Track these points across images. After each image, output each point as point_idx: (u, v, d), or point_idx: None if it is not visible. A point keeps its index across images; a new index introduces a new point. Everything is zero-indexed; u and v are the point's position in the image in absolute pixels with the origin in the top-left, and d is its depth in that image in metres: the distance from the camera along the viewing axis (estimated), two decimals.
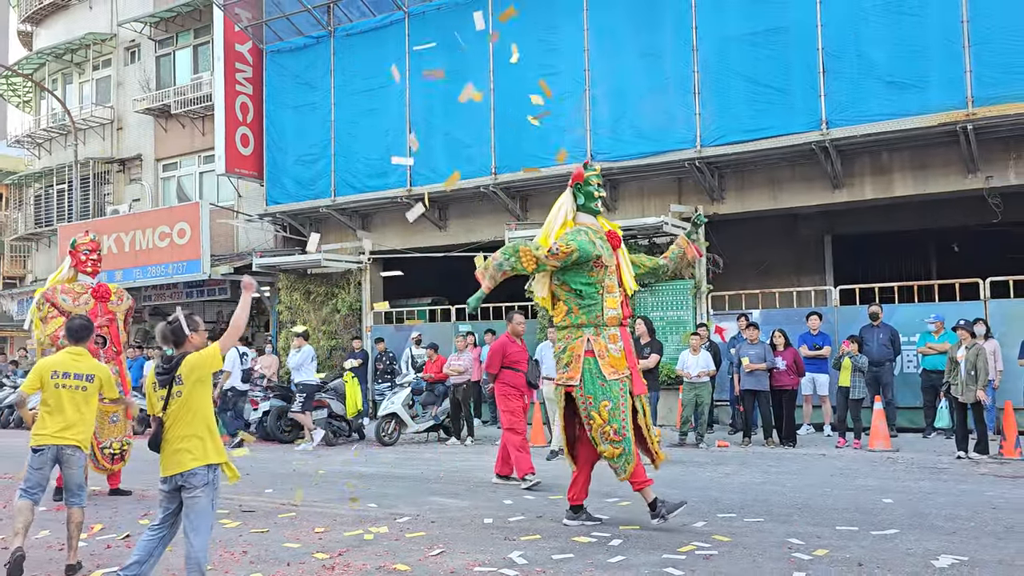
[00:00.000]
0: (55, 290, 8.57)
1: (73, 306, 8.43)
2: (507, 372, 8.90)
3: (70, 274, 8.76)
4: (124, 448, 8.70)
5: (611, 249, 6.58)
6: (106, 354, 8.51)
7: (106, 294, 8.75)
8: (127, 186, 22.53)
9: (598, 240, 6.47)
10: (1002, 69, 11.32)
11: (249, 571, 5.49)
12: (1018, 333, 11.19)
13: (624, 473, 6.36)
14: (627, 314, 6.62)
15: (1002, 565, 5.23)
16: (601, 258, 6.41)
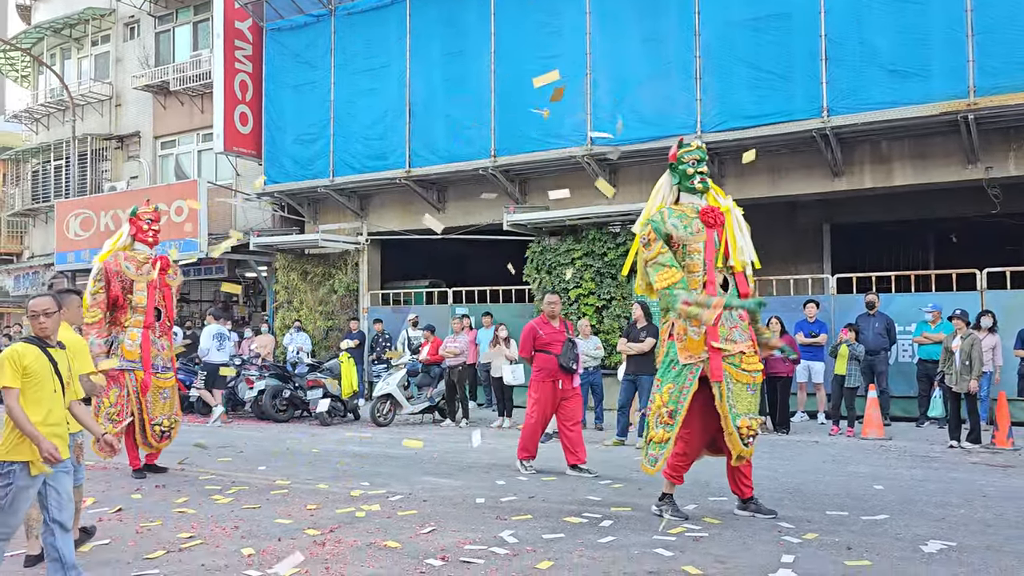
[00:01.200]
0: (117, 257, 8.43)
1: (136, 274, 8.37)
2: (540, 355, 8.38)
3: (127, 242, 8.65)
4: (172, 425, 8.56)
5: (699, 228, 6.26)
6: (160, 327, 8.51)
7: (166, 266, 8.68)
8: (125, 163, 22.45)
9: (673, 220, 6.26)
10: (1005, 59, 11.24)
11: (240, 546, 5.51)
12: (1015, 324, 11.18)
13: (654, 465, 6.17)
14: (744, 292, 6.26)
15: (990, 551, 5.25)
16: (672, 238, 6.23)
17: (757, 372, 6.14)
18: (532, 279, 14.90)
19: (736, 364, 6.04)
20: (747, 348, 6.10)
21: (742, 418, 5.99)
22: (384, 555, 5.28)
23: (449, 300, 16.33)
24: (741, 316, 6.16)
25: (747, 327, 6.18)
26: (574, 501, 6.94)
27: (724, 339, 6.05)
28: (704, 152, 6.52)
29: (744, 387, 6.06)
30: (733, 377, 6.03)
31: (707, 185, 6.44)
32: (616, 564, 5.04)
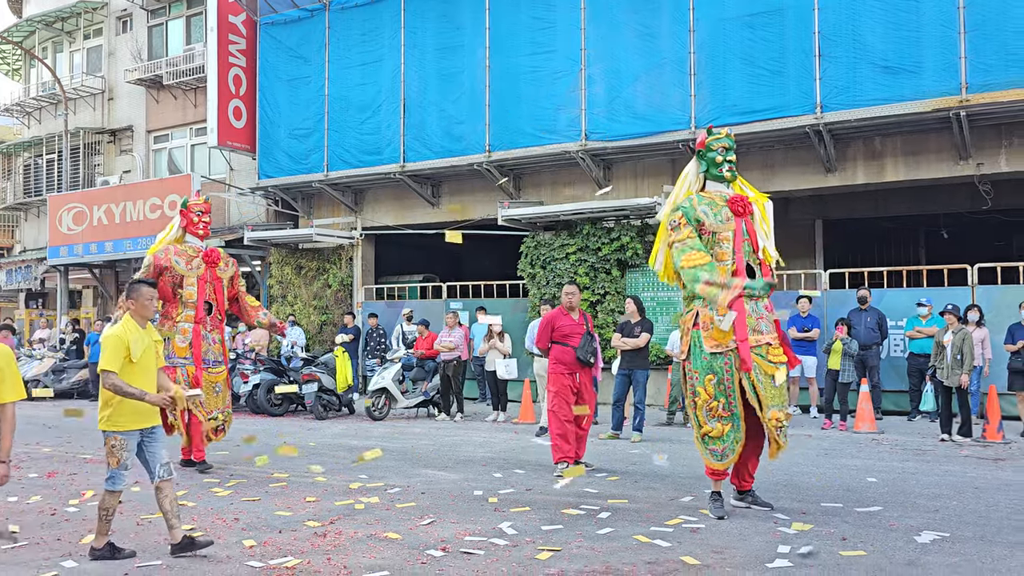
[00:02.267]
0: (168, 251, 8.38)
1: (186, 269, 8.32)
2: (556, 348, 8.09)
3: (178, 235, 8.60)
4: (226, 419, 8.51)
5: (728, 216, 6.20)
6: (212, 321, 8.44)
7: (216, 259, 8.59)
8: (118, 157, 22.37)
9: (703, 207, 6.21)
10: (996, 56, 11.34)
11: (241, 537, 5.55)
12: (1005, 319, 11.30)
13: (723, 460, 6.03)
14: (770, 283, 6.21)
15: (982, 542, 5.34)
16: (704, 224, 6.17)
17: (783, 364, 6.06)
18: (526, 274, 14.95)
19: (763, 355, 6.00)
20: (773, 340, 6.07)
21: (772, 409, 5.96)
22: (385, 546, 5.33)
23: (443, 295, 16.36)
24: (767, 307, 6.14)
25: (772, 319, 6.15)
26: (571, 493, 7.00)
27: (752, 330, 6.02)
28: (733, 140, 6.44)
29: (770, 379, 6.01)
30: (761, 368, 5.98)
31: (735, 174, 6.40)
32: (615, 555, 5.10)
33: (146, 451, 5.20)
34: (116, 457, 5.10)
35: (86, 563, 5.02)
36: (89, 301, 23.86)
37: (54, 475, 8.15)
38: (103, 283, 22.42)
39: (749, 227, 6.22)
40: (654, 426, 11.35)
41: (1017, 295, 11.55)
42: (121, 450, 5.10)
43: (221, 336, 8.60)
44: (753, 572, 4.75)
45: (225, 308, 8.70)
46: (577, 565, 4.89)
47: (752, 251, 6.19)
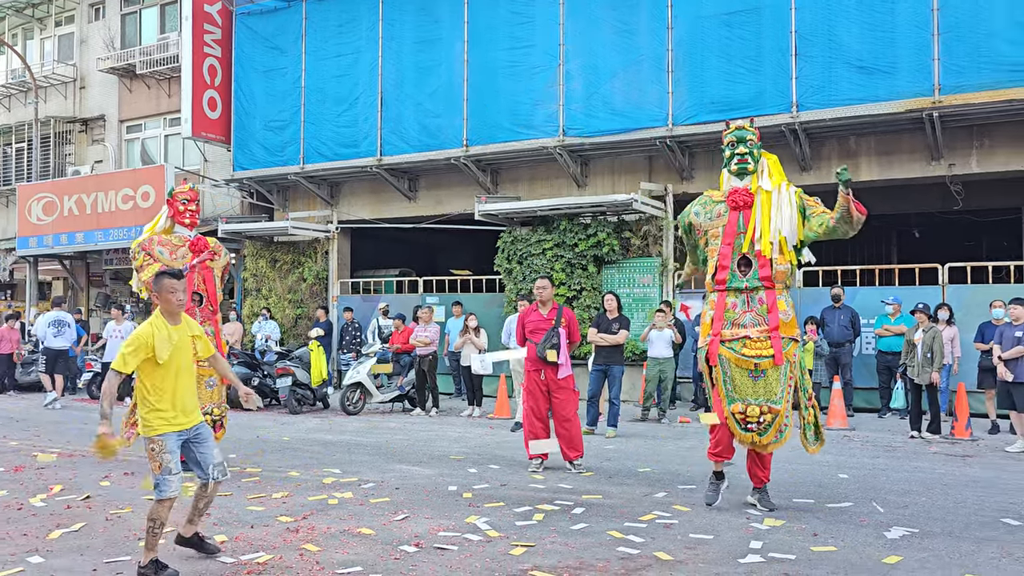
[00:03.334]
0: (152, 241, 8.15)
1: (171, 259, 8.06)
2: (530, 345, 8.03)
3: (167, 224, 8.35)
4: (223, 414, 8.11)
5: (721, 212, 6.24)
6: (202, 313, 8.17)
7: (204, 248, 8.33)
8: (89, 147, 22.04)
9: (698, 206, 6.40)
10: (969, 58, 11.48)
11: (212, 532, 5.49)
12: (974, 318, 11.46)
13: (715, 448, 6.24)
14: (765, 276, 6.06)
15: (951, 537, 5.41)
16: (695, 225, 6.40)
17: (762, 358, 5.97)
18: (503, 269, 14.94)
19: (736, 349, 6.01)
20: (757, 334, 5.99)
21: (737, 403, 6.00)
22: (358, 541, 5.30)
23: (420, 289, 16.31)
24: (761, 301, 6.05)
25: (767, 312, 6.02)
26: (546, 489, 7.01)
27: (731, 323, 6.07)
28: (746, 132, 6.29)
29: (744, 372, 6.01)
30: (731, 361, 6.03)
31: (745, 167, 6.23)
32: (589, 550, 5.11)
33: (196, 452, 4.89)
34: (157, 462, 4.67)
35: (52, 559, 4.94)
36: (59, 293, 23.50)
37: (21, 469, 8.02)
38: (73, 274, 22.11)
39: (748, 220, 6.15)
40: (628, 422, 11.40)
41: (986, 294, 11.72)
42: (161, 452, 4.66)
43: (214, 328, 8.26)
44: (725, 567, 4.78)
45: (218, 299, 8.41)
46: (551, 560, 4.89)
47: (751, 244, 6.10)
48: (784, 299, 6.11)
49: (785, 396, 5.97)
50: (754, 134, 6.31)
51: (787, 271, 6.14)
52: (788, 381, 6.00)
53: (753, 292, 6.08)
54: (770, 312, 6.02)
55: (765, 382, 5.99)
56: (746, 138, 6.27)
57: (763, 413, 5.97)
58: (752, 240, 6.09)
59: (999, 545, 5.22)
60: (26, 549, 5.15)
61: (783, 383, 5.99)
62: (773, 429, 5.97)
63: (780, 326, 6.01)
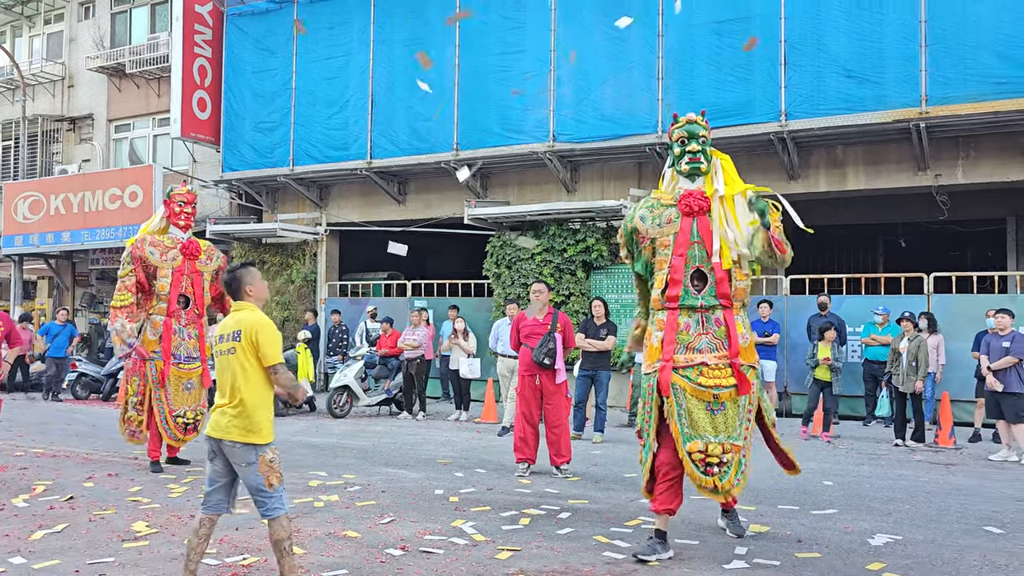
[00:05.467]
0: (143, 241, 8.11)
1: (160, 260, 8.05)
2: (522, 349, 8.04)
3: (161, 225, 8.30)
4: (198, 418, 8.10)
5: (672, 218, 5.39)
6: (187, 315, 8.16)
7: (195, 251, 8.27)
8: (77, 146, 21.92)
9: (643, 210, 5.53)
10: (955, 70, 11.58)
11: None
12: (959, 327, 11.56)
13: (646, 487, 5.37)
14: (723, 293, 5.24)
15: (933, 545, 5.45)
16: (640, 232, 5.49)
17: (721, 388, 5.12)
18: (492, 273, 14.94)
19: (691, 378, 5.15)
20: (714, 360, 5.16)
21: (696, 441, 5.08)
22: (344, 544, 5.29)
23: (408, 293, 16.29)
24: (718, 322, 5.24)
25: (725, 336, 5.21)
26: (532, 494, 7.01)
27: (684, 347, 5.22)
28: (697, 127, 5.51)
29: (701, 405, 5.13)
30: (686, 392, 5.14)
31: (697, 167, 5.45)
32: (574, 555, 5.12)
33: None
34: (279, 473, 4.24)
35: (35, 560, 4.91)
36: (44, 292, 23.33)
37: (4, 469, 7.96)
38: (59, 274, 21.95)
39: (703, 227, 5.31)
40: (615, 427, 11.41)
41: (970, 304, 11.83)
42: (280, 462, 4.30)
43: (199, 331, 8.23)
44: (711, 573, 4.79)
45: (205, 303, 8.36)
46: (536, 565, 4.89)
47: (707, 255, 5.28)
48: (742, 320, 5.35)
49: (744, 431, 5.19)
50: (706, 130, 5.55)
51: (747, 288, 5.41)
52: (748, 414, 5.24)
53: (709, 311, 5.26)
54: (729, 335, 5.21)
55: (725, 416, 5.15)
56: (698, 134, 5.49)
57: (725, 452, 5.10)
58: (709, 252, 5.28)
59: (981, 553, 5.26)
60: (8, 550, 5.11)
61: (743, 416, 5.20)
62: (734, 470, 5.14)
63: (740, 351, 5.21)
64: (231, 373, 4.22)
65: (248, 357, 4.23)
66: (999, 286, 13.45)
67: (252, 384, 4.22)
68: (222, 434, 4.17)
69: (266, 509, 4.17)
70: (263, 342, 4.23)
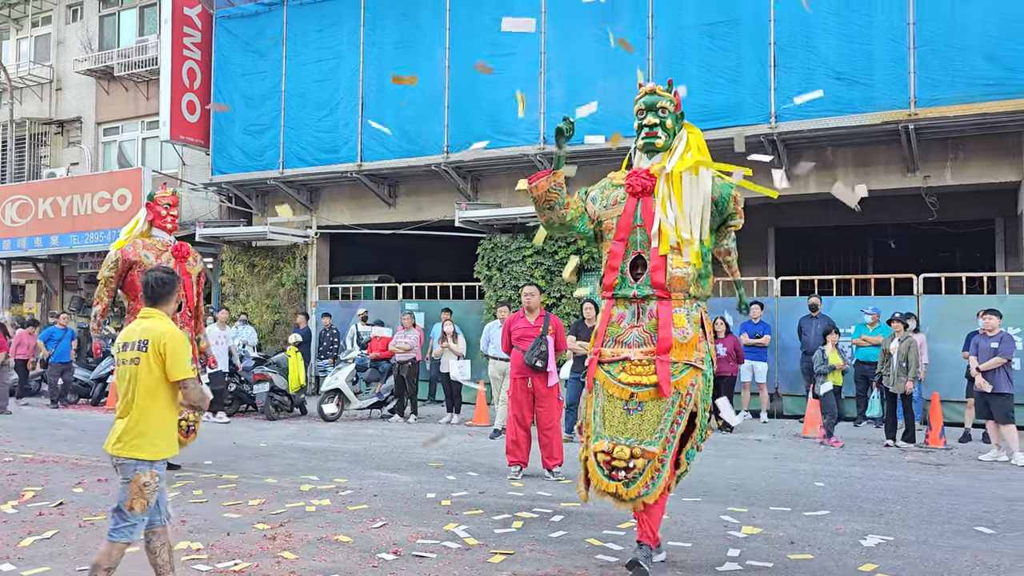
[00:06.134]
0: (136, 245, 8.05)
1: (155, 263, 7.96)
2: (514, 351, 8.03)
3: (145, 228, 8.27)
4: (196, 420, 7.98)
5: (618, 199, 4.98)
6: (181, 318, 8.08)
7: (186, 254, 8.26)
8: (65, 149, 21.80)
9: (596, 189, 5.16)
10: (943, 72, 11.65)
11: (189, 540, 5.43)
12: (948, 328, 11.61)
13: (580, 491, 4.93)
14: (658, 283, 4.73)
15: (925, 546, 5.47)
16: (588, 213, 5.08)
17: (641, 387, 4.66)
18: (483, 276, 14.93)
19: (612, 372, 4.77)
20: (640, 355, 4.71)
21: (603, 440, 4.65)
22: (336, 549, 5.26)
23: (399, 295, 16.26)
24: (651, 314, 4.77)
25: (655, 329, 4.73)
26: (525, 497, 7.00)
27: (613, 340, 4.85)
28: (659, 97, 5.04)
29: (618, 403, 4.70)
30: (604, 388, 4.78)
31: (652, 143, 4.98)
32: (567, 558, 5.11)
33: None
34: (146, 501, 3.95)
35: (24, 567, 4.86)
36: (33, 296, 23.19)
37: None
38: (47, 278, 21.82)
39: (647, 209, 4.86)
40: None
41: (959, 305, 11.88)
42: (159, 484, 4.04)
43: (192, 334, 8.23)
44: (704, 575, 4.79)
45: (196, 305, 8.35)
46: (530, 568, 4.88)
47: (649, 241, 4.83)
48: (684, 313, 4.77)
49: (665, 437, 4.61)
50: (671, 101, 5.05)
51: (687, 277, 4.76)
52: (675, 418, 4.65)
53: (643, 302, 4.81)
54: (660, 328, 4.70)
55: (642, 418, 4.65)
56: (657, 105, 4.99)
57: (634, 457, 4.59)
58: (649, 236, 4.82)
59: (973, 553, 5.28)
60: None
61: (666, 420, 4.64)
62: (643, 479, 4.57)
63: (674, 347, 4.69)
64: (132, 384, 3.98)
65: (153, 369, 3.96)
66: (988, 287, 13.49)
67: (152, 397, 3.98)
68: (113, 449, 3.99)
69: (115, 529, 3.90)
70: (172, 354, 3.97)
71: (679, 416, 4.67)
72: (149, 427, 3.98)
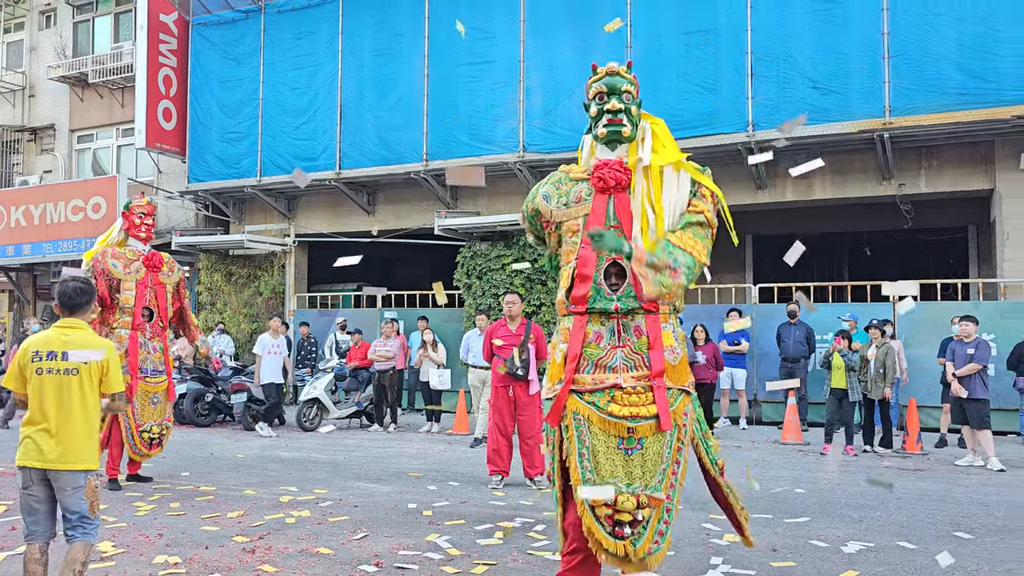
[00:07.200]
0: (105, 254, 7.96)
1: (124, 273, 7.92)
2: (496, 360, 8.00)
3: (120, 237, 8.19)
4: (163, 433, 8.01)
5: (582, 196, 4.19)
6: (152, 328, 8.05)
7: (159, 263, 8.16)
8: (38, 156, 21.51)
9: (549, 186, 4.35)
10: (917, 82, 11.82)
11: (166, 554, 5.34)
12: (923, 334, 11.73)
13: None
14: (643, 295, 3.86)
15: (905, 551, 5.50)
16: (541, 216, 4.32)
17: (639, 420, 3.87)
18: (462, 284, 14.89)
19: (599, 405, 3.92)
20: (632, 381, 3.92)
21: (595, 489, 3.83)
22: (316, 562, 5.20)
23: (378, 304, 16.18)
24: (639, 331, 3.99)
25: (647, 349, 3.96)
26: (507, 506, 6.97)
27: (593, 364, 3.99)
28: (621, 79, 4.30)
29: (612, 441, 3.88)
30: (592, 423, 3.92)
31: (618, 131, 4.19)
32: (550, 568, 5.08)
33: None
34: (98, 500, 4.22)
35: None
36: (5, 306, 22.84)
37: None
38: (20, 287, 21.49)
39: (622, 207, 4.09)
40: None
41: (935, 311, 12.02)
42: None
43: (163, 344, 8.16)
44: None
45: (168, 315, 8.28)
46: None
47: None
48: (671, 330, 4.09)
49: (668, 480, 3.93)
50: (633, 84, 4.34)
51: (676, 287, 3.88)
52: (675, 456, 3.98)
53: (627, 318, 4.01)
54: (652, 348, 3.96)
55: (643, 458, 3.89)
56: (620, 88, 4.26)
57: (641, 506, 3.80)
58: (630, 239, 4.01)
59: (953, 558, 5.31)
60: None
61: (667, 459, 3.94)
62: (651, 531, 3.82)
63: (667, 371, 3.98)
64: (65, 395, 4.01)
65: (91, 381, 4.06)
66: (962, 293, 13.68)
67: (88, 408, 4.07)
68: (48, 463, 3.99)
69: (84, 532, 4.07)
70: (113, 369, 4.12)
71: (679, 454, 3.99)
72: (90, 438, 4.11)
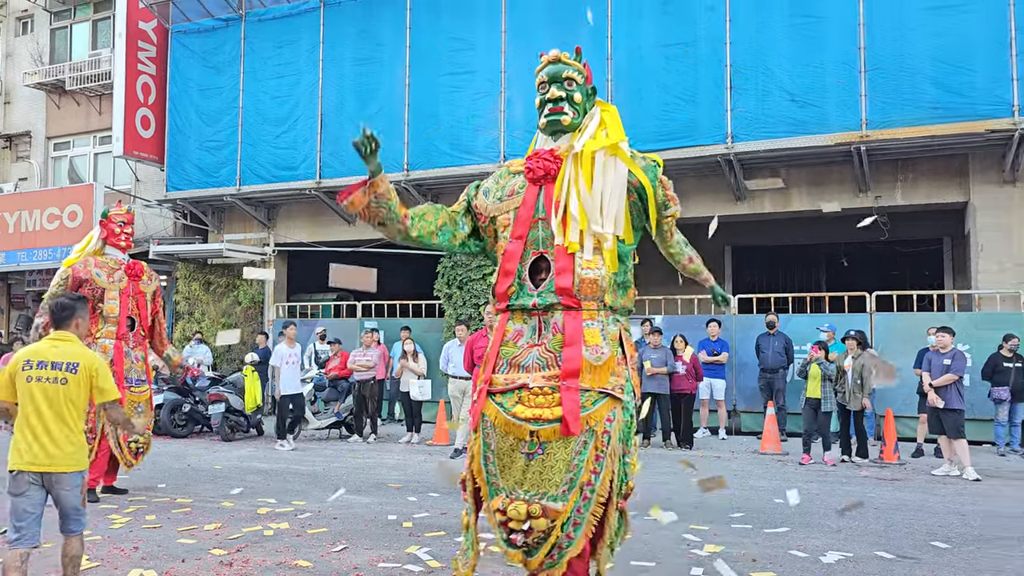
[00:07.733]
0: (87, 263, 7.89)
1: (108, 282, 7.88)
2: (478, 371, 8.31)
3: (98, 246, 8.12)
4: (146, 441, 7.99)
5: (515, 189, 4.05)
6: (135, 338, 8.02)
7: (140, 272, 8.15)
8: (14, 164, 21.27)
9: (490, 180, 4.27)
10: (893, 95, 11.98)
11: (141, 568, 5.27)
12: (900, 344, 11.85)
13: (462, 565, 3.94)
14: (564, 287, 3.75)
15: (883, 561, 5.54)
16: (473, 204, 4.21)
17: (542, 423, 3.61)
18: (443, 294, 14.87)
19: (505, 406, 3.74)
20: (541, 381, 3.70)
21: (499, 495, 3.68)
22: (295, 574, 5.15)
23: (358, 314, 16.11)
24: (556, 328, 3.76)
25: (560, 347, 3.73)
26: None
27: (507, 363, 3.84)
28: (564, 66, 4.13)
29: (516, 444, 3.66)
30: (496, 426, 3.75)
31: (558, 120, 4.01)
32: None
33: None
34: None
35: None
36: None
37: None
38: None
39: (550, 198, 3.91)
40: None
41: (911, 322, 12.15)
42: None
43: (144, 353, 8.16)
44: None
45: (149, 324, 8.28)
46: None
47: (552, 236, 3.86)
48: (598, 328, 3.78)
49: (575, 491, 3.58)
50: (581, 72, 4.15)
51: (601, 281, 3.79)
52: (590, 466, 3.61)
53: (546, 314, 3.80)
54: (567, 346, 3.71)
55: (543, 463, 3.62)
56: (563, 75, 4.08)
57: (532, 516, 3.58)
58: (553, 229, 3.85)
59: (930, 568, 5.36)
60: None
61: (577, 468, 3.60)
62: (546, 547, 3.61)
63: (585, 371, 3.68)
64: (56, 403, 4.25)
65: (82, 391, 4.32)
66: (937, 304, 13.84)
67: (78, 416, 4.34)
68: (54, 467, 4.24)
69: (78, 525, 4.41)
70: (103, 377, 4.39)
71: (597, 463, 3.61)
72: (83, 438, 4.40)
